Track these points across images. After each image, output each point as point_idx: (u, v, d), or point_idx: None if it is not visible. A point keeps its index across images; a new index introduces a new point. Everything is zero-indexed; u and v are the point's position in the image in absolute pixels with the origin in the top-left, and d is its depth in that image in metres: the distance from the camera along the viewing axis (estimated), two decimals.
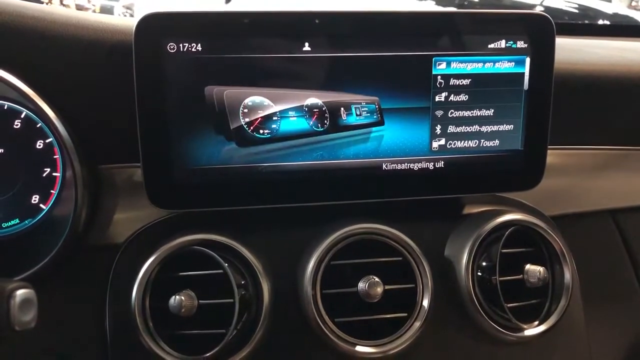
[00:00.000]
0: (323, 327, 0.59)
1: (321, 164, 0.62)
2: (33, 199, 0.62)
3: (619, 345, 0.76)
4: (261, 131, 0.60)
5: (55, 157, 0.61)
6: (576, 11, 1.86)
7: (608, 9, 1.89)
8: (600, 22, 1.74)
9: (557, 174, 0.73)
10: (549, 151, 0.66)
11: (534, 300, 0.65)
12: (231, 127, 0.59)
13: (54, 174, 0.62)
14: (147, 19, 0.56)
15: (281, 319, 0.61)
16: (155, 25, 0.56)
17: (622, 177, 0.78)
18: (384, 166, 0.63)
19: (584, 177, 0.76)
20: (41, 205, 0.62)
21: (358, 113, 0.61)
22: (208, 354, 0.56)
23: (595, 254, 0.76)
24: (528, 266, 0.64)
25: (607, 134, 0.77)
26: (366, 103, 0.61)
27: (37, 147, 0.61)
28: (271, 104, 0.60)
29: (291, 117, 0.60)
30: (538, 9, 1.84)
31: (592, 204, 0.76)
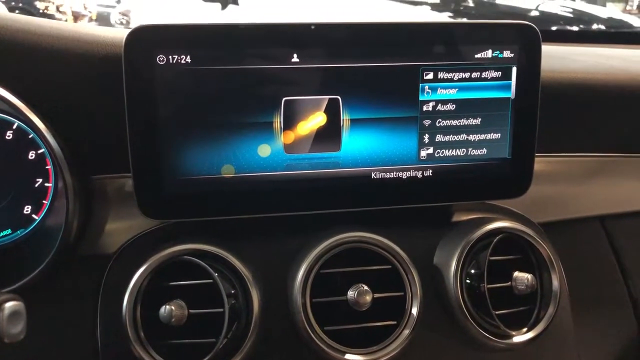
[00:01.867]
0: (313, 335, 0.60)
1: (310, 174, 0.62)
2: (25, 209, 0.62)
3: (607, 351, 0.76)
4: None
5: (47, 167, 0.62)
6: (571, 16, 1.88)
7: (603, 13, 1.90)
8: (595, 26, 1.75)
9: (545, 182, 0.73)
10: (536, 159, 0.67)
11: (522, 307, 0.65)
12: None
13: (46, 184, 0.62)
14: (136, 32, 0.56)
15: (271, 327, 0.62)
16: (145, 38, 0.57)
17: (610, 184, 0.79)
18: (372, 175, 0.64)
19: (572, 184, 0.77)
20: (33, 216, 0.62)
21: None
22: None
23: (584, 261, 0.77)
24: (516, 273, 0.64)
25: (594, 142, 0.78)
26: None
27: (29, 157, 0.62)
28: None
29: None
30: (533, 14, 1.86)
31: (580, 211, 0.77)
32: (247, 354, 0.59)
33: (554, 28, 1.62)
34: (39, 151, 0.62)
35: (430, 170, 0.65)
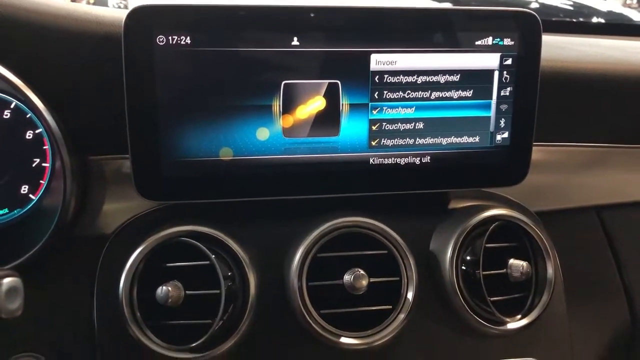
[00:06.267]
0: (308, 318, 0.60)
1: (309, 158, 0.62)
2: (22, 189, 0.62)
3: (599, 339, 0.77)
4: None
5: (44, 147, 0.62)
6: (571, 8, 1.87)
7: (602, 6, 1.90)
8: (595, 20, 1.75)
9: (542, 171, 0.73)
10: (534, 148, 0.67)
11: (517, 294, 0.66)
12: None
13: (43, 164, 0.62)
14: (136, 12, 0.56)
15: (267, 310, 0.62)
16: (145, 18, 0.56)
17: (607, 175, 0.79)
18: (370, 160, 0.64)
19: (569, 174, 0.77)
20: (30, 196, 0.62)
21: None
22: (194, 344, 0.57)
23: (578, 250, 0.77)
24: (511, 261, 0.64)
25: (592, 131, 0.78)
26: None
27: (27, 137, 0.61)
28: None
29: None
30: (533, 6, 1.85)
31: (576, 201, 0.77)
32: (243, 336, 0.60)
33: (553, 19, 1.61)
34: (37, 131, 0.61)
35: (429, 157, 0.65)
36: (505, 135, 0.66)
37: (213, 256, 0.59)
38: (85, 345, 0.61)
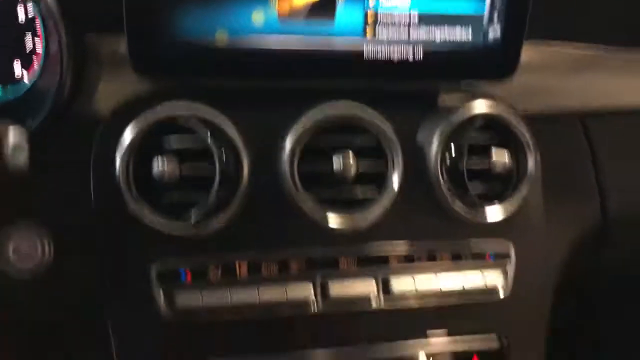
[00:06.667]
0: (298, 200, 0.63)
1: (303, 43, 0.63)
2: (16, 68, 0.62)
3: (573, 232, 0.80)
4: None
5: (39, 25, 0.61)
6: None
7: None
8: None
9: (531, 71, 0.74)
10: (524, 47, 0.68)
11: (498, 187, 0.69)
12: None
13: (37, 43, 0.62)
14: None
15: (259, 191, 0.65)
16: None
17: (594, 79, 0.79)
18: (365, 50, 0.65)
19: (557, 76, 0.77)
20: (25, 75, 0.62)
21: None
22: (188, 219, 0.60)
23: (560, 154, 0.79)
24: (494, 155, 0.67)
25: (587, 31, 0.78)
26: None
27: (21, 15, 0.61)
28: None
29: None
30: None
31: (563, 103, 0.78)
32: (235, 214, 0.62)
33: None
34: (29, 7, 0.61)
35: (422, 50, 0.66)
36: (497, 30, 0.67)
37: (208, 136, 0.60)
38: (84, 217, 0.63)
